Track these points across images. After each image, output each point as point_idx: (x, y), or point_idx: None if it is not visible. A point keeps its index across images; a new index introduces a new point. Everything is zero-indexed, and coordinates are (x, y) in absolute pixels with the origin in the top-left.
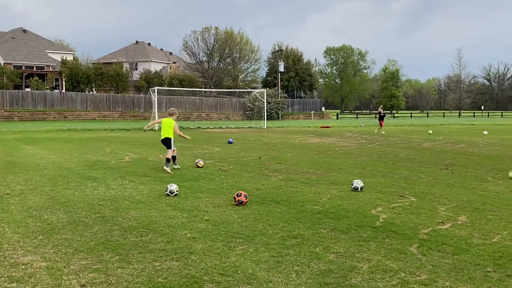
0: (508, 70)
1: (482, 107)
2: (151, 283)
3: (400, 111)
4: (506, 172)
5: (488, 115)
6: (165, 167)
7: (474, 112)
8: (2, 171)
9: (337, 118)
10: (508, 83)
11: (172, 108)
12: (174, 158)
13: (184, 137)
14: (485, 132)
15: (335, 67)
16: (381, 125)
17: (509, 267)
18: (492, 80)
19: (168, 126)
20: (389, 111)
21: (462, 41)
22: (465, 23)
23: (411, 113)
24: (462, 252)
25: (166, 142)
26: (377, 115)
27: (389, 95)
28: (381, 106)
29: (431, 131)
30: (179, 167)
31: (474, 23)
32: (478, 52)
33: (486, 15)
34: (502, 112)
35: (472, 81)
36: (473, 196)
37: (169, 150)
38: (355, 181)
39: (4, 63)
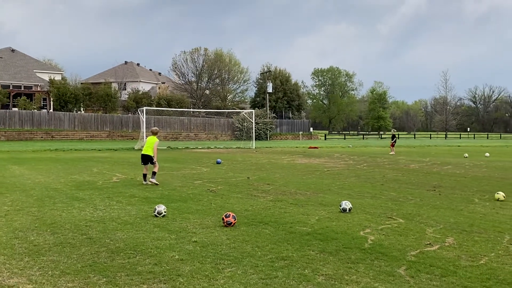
0: (493, 92)
1: (468, 129)
2: None
3: (387, 132)
4: (492, 194)
5: (474, 137)
6: (151, 180)
7: (460, 134)
8: None
9: (325, 139)
10: (493, 105)
11: (154, 128)
12: (153, 173)
13: (154, 156)
14: (487, 154)
15: (323, 88)
16: (392, 145)
17: None
18: (477, 102)
19: (150, 144)
20: (375, 132)
21: (448, 64)
22: (451, 46)
23: (398, 134)
24: (450, 274)
25: (146, 158)
26: (392, 137)
27: (376, 116)
28: (393, 129)
29: (467, 155)
30: (155, 183)
31: (460, 46)
32: (464, 75)
33: (471, 38)
34: (488, 134)
35: (458, 103)
36: (460, 217)
37: (146, 166)
38: (344, 202)
39: None
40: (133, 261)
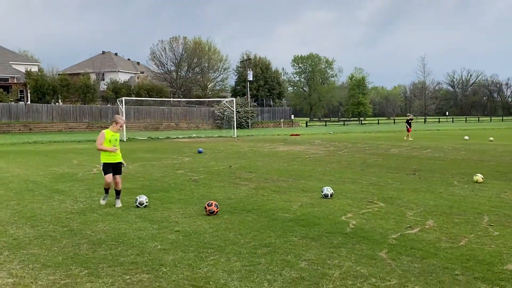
0: (471, 76)
1: (447, 113)
2: None
3: (367, 118)
4: (471, 176)
5: (452, 121)
6: (118, 201)
7: (439, 118)
8: None
9: (306, 126)
10: (471, 89)
11: (117, 115)
12: (108, 190)
13: (107, 150)
14: (466, 137)
15: (303, 76)
16: (408, 131)
17: (477, 270)
18: (456, 86)
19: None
20: (356, 118)
21: (427, 49)
22: (430, 32)
23: (378, 119)
24: (431, 256)
25: (119, 167)
26: (407, 122)
27: (356, 102)
28: (409, 113)
29: (492, 138)
30: (104, 203)
31: (438, 31)
32: (442, 60)
33: (450, 23)
34: (466, 118)
35: (436, 88)
36: (440, 200)
37: (108, 176)
38: (325, 188)
39: None
40: (115, 252)
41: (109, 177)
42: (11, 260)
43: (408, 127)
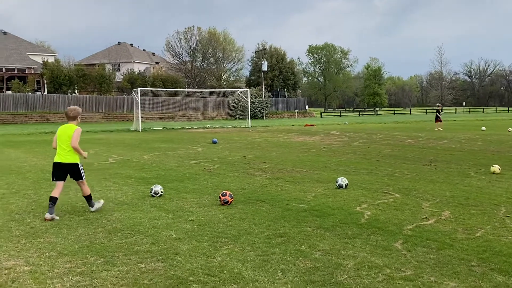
0: (488, 66)
1: (464, 103)
2: (137, 285)
3: (383, 109)
4: (488, 167)
5: (469, 111)
6: (91, 208)
7: (456, 109)
8: None
9: (321, 116)
10: (488, 79)
11: (72, 106)
12: (89, 197)
13: (81, 153)
14: (483, 128)
15: (318, 66)
16: (439, 121)
17: (493, 261)
18: (473, 76)
19: (66, 141)
20: (371, 109)
21: (443, 38)
22: (446, 21)
23: (394, 110)
24: (447, 247)
25: (73, 170)
26: (437, 112)
27: (372, 93)
28: (438, 104)
29: (511, 129)
30: (96, 209)
31: (455, 20)
32: (459, 49)
33: (467, 12)
34: (483, 108)
35: (453, 78)
36: (456, 191)
37: (82, 181)
38: (340, 178)
39: None
40: (131, 241)
41: None
42: (28, 248)
43: (438, 117)
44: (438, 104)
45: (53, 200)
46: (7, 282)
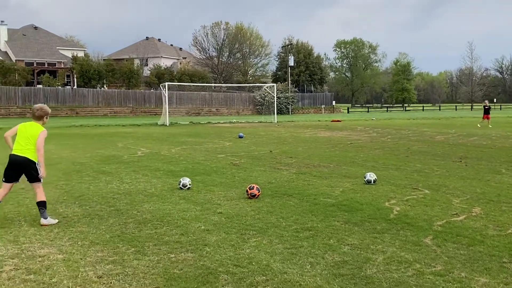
0: None
1: (495, 100)
2: (167, 274)
3: (411, 105)
4: None
5: (500, 108)
6: (43, 221)
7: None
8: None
9: (347, 112)
10: None
11: (39, 105)
12: (42, 204)
13: (41, 161)
14: None
15: (345, 61)
16: (487, 118)
17: None
18: (504, 72)
19: (27, 138)
20: (399, 105)
21: (474, 33)
22: (478, 15)
23: (423, 106)
24: (477, 244)
25: (29, 166)
26: (484, 108)
27: (400, 89)
28: (486, 100)
29: (479, 125)
30: (50, 223)
31: (486, 15)
32: (490, 45)
33: (499, 7)
34: None
35: (484, 74)
36: (487, 188)
37: (37, 184)
38: (368, 174)
39: (15, 60)
40: (160, 231)
41: None
42: (61, 237)
43: (485, 113)
44: (485, 101)
45: (40, 205)
46: (41, 269)
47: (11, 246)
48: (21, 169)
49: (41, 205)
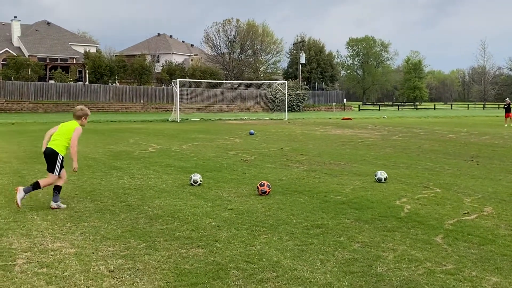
0: None
1: (508, 99)
2: (178, 269)
3: (423, 103)
4: None
5: None
6: (52, 203)
7: (499, 104)
8: (29, 160)
9: (359, 110)
10: None
11: (80, 106)
12: (58, 188)
13: (74, 154)
14: None
15: (357, 59)
16: (509, 116)
17: None
18: None
19: (63, 134)
20: (411, 103)
21: (487, 31)
22: (490, 13)
23: (434, 105)
24: (489, 243)
25: (49, 157)
26: (504, 107)
27: (412, 87)
28: (507, 98)
29: (506, 125)
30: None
31: (499, 13)
32: (503, 43)
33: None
34: None
35: (497, 73)
36: (499, 187)
37: (51, 174)
38: (379, 172)
39: (28, 56)
40: (171, 227)
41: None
42: (73, 232)
43: (507, 112)
44: (506, 99)
45: (56, 189)
46: (54, 263)
47: (24, 239)
48: (47, 158)
49: (56, 190)
